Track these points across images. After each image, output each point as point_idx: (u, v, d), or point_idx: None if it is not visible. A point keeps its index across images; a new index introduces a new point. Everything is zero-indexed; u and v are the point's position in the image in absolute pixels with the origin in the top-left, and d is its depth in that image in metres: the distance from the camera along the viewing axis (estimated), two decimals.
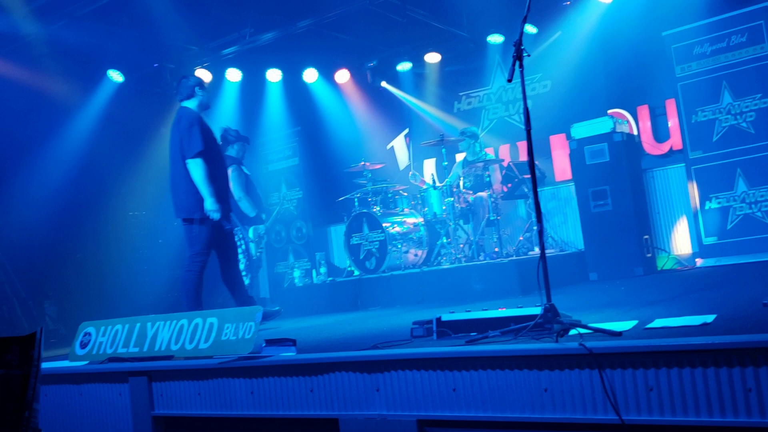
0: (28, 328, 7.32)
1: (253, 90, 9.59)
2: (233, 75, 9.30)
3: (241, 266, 6.97)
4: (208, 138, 5.33)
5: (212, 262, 7.73)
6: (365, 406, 3.14)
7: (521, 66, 3.21)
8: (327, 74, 9.80)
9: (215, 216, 5.16)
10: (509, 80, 3.19)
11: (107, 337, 4.25)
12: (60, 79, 7.92)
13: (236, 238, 6.98)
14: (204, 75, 9.14)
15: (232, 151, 7.11)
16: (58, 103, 8.04)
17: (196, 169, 5.12)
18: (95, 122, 8.44)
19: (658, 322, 2.98)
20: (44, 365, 4.42)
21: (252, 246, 7.14)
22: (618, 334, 2.77)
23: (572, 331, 2.88)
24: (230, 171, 6.99)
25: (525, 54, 3.20)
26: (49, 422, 4.21)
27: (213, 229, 5.26)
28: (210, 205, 5.12)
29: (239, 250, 7.01)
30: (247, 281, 6.91)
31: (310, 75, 9.70)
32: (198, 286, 5.25)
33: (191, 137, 5.14)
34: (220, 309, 3.98)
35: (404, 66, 9.59)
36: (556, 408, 2.65)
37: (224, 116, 9.35)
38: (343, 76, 9.78)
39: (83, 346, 4.35)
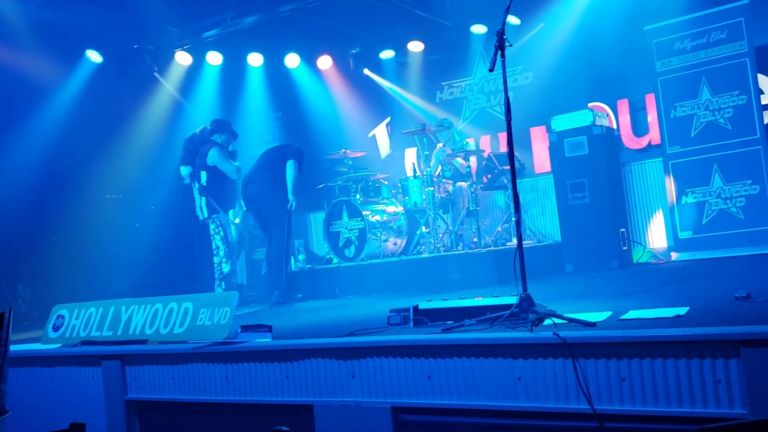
0: (0, 310, 7.20)
1: (233, 74, 9.48)
2: (214, 58, 9.18)
3: (221, 253, 6.86)
4: None
5: (190, 255, 7.63)
6: (340, 392, 3.14)
7: (503, 56, 3.20)
8: (309, 60, 9.71)
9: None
10: (491, 70, 3.19)
11: (81, 320, 4.20)
12: (37, 58, 7.74)
13: (214, 225, 6.89)
14: (184, 58, 9.03)
15: (218, 139, 6.97)
16: (35, 83, 7.87)
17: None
18: (73, 103, 8.28)
19: (632, 314, 3.01)
20: (16, 348, 4.36)
21: (232, 228, 7.07)
22: (592, 325, 2.80)
23: (547, 321, 2.91)
24: None
25: (507, 44, 3.19)
26: (19, 404, 4.16)
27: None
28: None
29: (218, 237, 6.91)
30: (227, 268, 6.83)
31: (292, 60, 9.61)
32: None
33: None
34: (195, 294, 3.95)
35: (387, 54, 9.53)
36: (529, 397, 2.67)
37: (204, 100, 9.24)
38: (325, 62, 9.70)
39: (56, 328, 4.30)
